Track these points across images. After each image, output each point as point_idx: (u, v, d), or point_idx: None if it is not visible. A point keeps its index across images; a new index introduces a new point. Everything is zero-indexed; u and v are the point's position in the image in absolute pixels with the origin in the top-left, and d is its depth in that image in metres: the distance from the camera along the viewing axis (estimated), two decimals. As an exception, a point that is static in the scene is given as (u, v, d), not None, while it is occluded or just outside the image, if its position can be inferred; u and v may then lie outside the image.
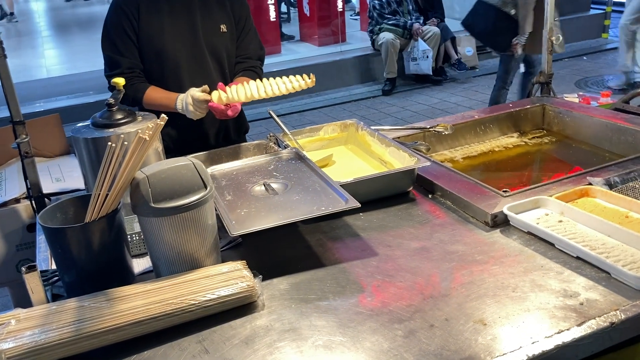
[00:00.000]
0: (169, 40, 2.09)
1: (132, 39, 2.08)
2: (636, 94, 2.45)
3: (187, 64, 2.14)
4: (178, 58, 2.12)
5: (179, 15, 2.11)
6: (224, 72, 2.22)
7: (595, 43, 8.55)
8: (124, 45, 2.07)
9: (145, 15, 2.07)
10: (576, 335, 1.10)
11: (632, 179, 1.71)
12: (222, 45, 2.18)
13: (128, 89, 2.02)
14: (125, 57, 2.07)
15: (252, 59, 2.28)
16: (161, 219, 1.29)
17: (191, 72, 2.14)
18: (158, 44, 2.09)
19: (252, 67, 2.25)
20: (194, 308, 1.23)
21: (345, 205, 1.47)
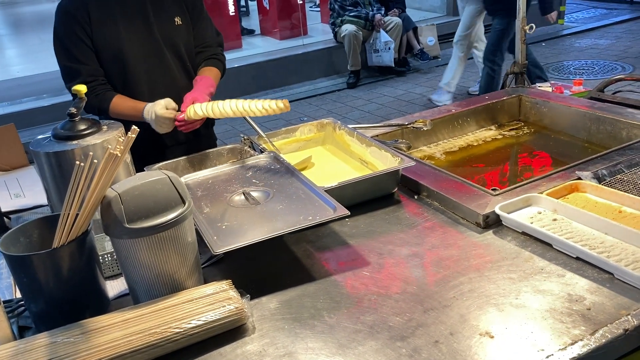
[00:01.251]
0: (125, 41, 2.00)
1: (88, 44, 1.97)
2: (611, 81, 2.44)
3: (147, 62, 2.05)
4: (137, 57, 2.03)
5: (131, 13, 2.01)
6: (185, 65, 2.15)
7: (552, 29, 8.67)
8: (80, 53, 1.96)
9: (97, 18, 1.97)
10: (592, 345, 1.04)
11: (620, 171, 1.68)
12: (179, 38, 2.10)
13: (92, 99, 1.94)
14: (84, 65, 1.96)
15: (212, 47, 2.22)
16: (137, 240, 1.19)
17: (152, 70, 2.06)
18: (115, 45, 1.99)
19: (214, 55, 2.21)
20: (179, 337, 1.13)
21: (334, 214, 1.38)
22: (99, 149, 1.48)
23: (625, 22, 8.93)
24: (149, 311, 1.18)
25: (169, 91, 2.08)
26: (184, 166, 1.93)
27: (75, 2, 1.97)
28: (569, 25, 8.98)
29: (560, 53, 7.52)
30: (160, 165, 1.85)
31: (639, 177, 1.63)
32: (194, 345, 1.16)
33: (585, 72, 6.59)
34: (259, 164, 1.78)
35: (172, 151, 2.15)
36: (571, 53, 7.49)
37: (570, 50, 7.63)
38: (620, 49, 7.34)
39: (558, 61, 7.13)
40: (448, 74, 5.93)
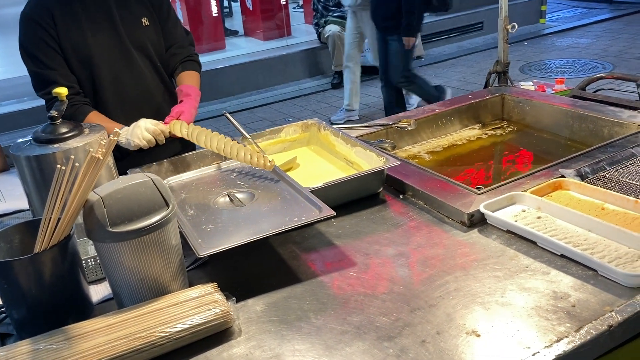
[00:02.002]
0: (93, 45, 1.97)
1: (56, 49, 1.93)
2: (592, 79, 2.46)
3: (116, 65, 2.02)
4: (105, 61, 2.00)
5: (96, 16, 1.98)
6: (156, 66, 2.12)
7: (534, 28, 8.77)
8: (49, 59, 1.92)
9: (62, 24, 1.93)
10: (577, 342, 1.05)
11: (602, 168, 1.70)
12: (147, 39, 2.07)
13: (68, 109, 1.83)
14: (55, 70, 1.92)
15: (184, 47, 2.19)
16: (120, 244, 1.17)
17: (121, 73, 2.03)
18: (83, 51, 1.96)
19: (189, 57, 2.18)
20: (165, 341, 1.12)
21: (319, 215, 1.38)
22: (80, 152, 1.46)
23: (604, 21, 9.05)
24: (133, 315, 1.16)
25: (140, 93, 2.07)
26: (167, 168, 1.91)
27: (38, 8, 1.92)
28: (550, 25, 9.07)
29: (542, 52, 7.60)
30: (143, 168, 1.83)
31: (621, 175, 1.65)
32: (179, 349, 1.14)
33: (567, 70, 6.66)
34: (243, 165, 1.77)
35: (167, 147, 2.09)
36: (552, 52, 7.57)
37: (551, 49, 7.71)
38: (600, 48, 7.43)
39: (540, 60, 7.20)
40: (346, 96, 5.77)
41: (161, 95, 2.15)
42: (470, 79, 6.75)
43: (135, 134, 1.81)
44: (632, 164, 1.70)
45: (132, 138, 1.81)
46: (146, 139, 1.82)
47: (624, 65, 6.55)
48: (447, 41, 8.48)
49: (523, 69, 6.83)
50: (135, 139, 1.81)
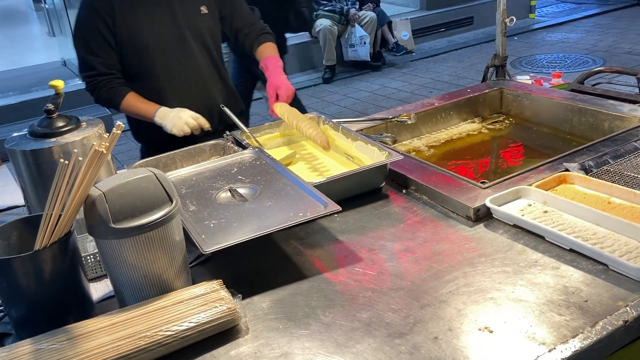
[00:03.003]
0: (150, 33, 2.02)
1: (108, 39, 1.99)
2: (591, 73, 2.45)
3: (172, 52, 2.06)
4: (161, 47, 2.04)
5: (155, 4, 2.02)
6: (211, 54, 2.16)
7: (523, 23, 8.79)
8: (99, 47, 1.99)
9: (121, 12, 1.98)
10: (593, 338, 1.03)
11: (606, 162, 1.69)
12: (205, 27, 2.11)
13: (105, 91, 1.99)
14: (99, 58, 1.99)
15: (254, 24, 2.23)
16: (123, 240, 1.14)
17: (177, 61, 2.08)
18: (140, 38, 2.01)
19: (262, 30, 2.22)
20: (170, 340, 1.09)
21: (325, 210, 1.35)
22: (78, 147, 1.42)
23: (593, 16, 9.09)
24: (137, 314, 1.13)
25: (193, 81, 2.12)
26: (165, 163, 1.87)
27: None
28: (540, 20, 9.10)
29: (533, 47, 7.61)
30: (140, 163, 1.80)
31: (625, 168, 1.64)
32: (185, 348, 1.11)
33: (558, 65, 6.68)
34: (243, 160, 1.74)
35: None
36: (543, 47, 7.58)
37: (541, 44, 7.73)
38: (590, 43, 7.46)
39: (531, 55, 7.21)
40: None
41: (214, 84, 2.19)
42: (461, 73, 6.75)
43: (175, 124, 1.92)
44: (635, 157, 1.70)
45: (172, 128, 1.93)
46: (184, 131, 1.93)
47: (615, 59, 6.58)
48: (438, 35, 8.48)
49: (514, 63, 6.83)
50: (174, 129, 1.93)
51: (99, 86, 2.01)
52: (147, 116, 1.98)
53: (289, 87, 2.00)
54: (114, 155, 5.30)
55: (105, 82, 1.99)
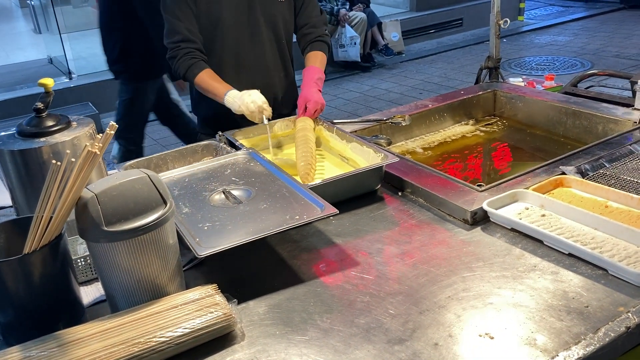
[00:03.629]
0: (225, 11, 2.03)
1: (191, 7, 2.00)
2: (584, 76, 2.46)
3: (242, 34, 2.07)
4: (233, 28, 2.06)
5: None
6: (280, 42, 2.16)
7: (512, 25, 8.81)
8: (183, 13, 2.00)
9: None
10: (595, 344, 1.02)
11: (602, 165, 1.68)
12: (279, 14, 2.12)
13: (186, 61, 1.99)
14: (184, 23, 2.00)
15: (317, 27, 2.21)
16: (116, 243, 1.11)
17: (245, 43, 2.09)
18: (215, 14, 2.02)
19: (319, 38, 2.20)
20: (165, 346, 1.06)
21: (322, 213, 1.33)
22: (69, 147, 1.39)
23: (581, 19, 9.15)
24: (130, 320, 1.10)
25: (256, 65, 2.12)
26: (156, 164, 1.84)
27: None
28: (528, 22, 9.14)
29: (521, 49, 7.65)
30: (131, 163, 1.76)
31: (621, 172, 1.63)
32: (179, 355, 1.09)
33: (547, 67, 6.72)
34: (237, 161, 1.71)
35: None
36: (532, 49, 7.62)
37: (530, 47, 7.76)
38: (578, 46, 7.51)
39: (520, 57, 7.24)
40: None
41: (276, 72, 2.18)
42: (451, 75, 6.76)
43: (244, 103, 1.87)
44: (630, 160, 1.69)
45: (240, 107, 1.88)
46: (250, 110, 1.87)
47: (602, 63, 6.63)
48: (427, 37, 8.49)
49: (503, 65, 6.83)
50: (243, 107, 1.87)
51: (181, 54, 2.00)
52: (219, 96, 1.95)
53: (317, 101, 1.97)
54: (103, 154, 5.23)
55: (187, 51, 1.99)
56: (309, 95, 1.98)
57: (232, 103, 1.89)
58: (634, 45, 7.20)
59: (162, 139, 5.55)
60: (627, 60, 6.62)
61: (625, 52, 6.97)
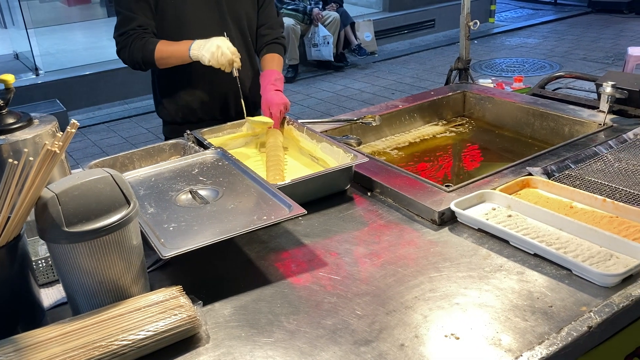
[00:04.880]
0: (192, 8, 2.00)
1: (150, 2, 1.96)
2: (552, 78, 2.49)
3: (210, 30, 2.03)
4: (202, 26, 2.03)
5: None
6: (246, 39, 2.16)
7: (484, 27, 8.93)
8: (139, 7, 1.97)
9: None
10: (558, 344, 1.03)
11: (567, 166, 1.70)
12: (243, 11, 2.12)
13: (137, 43, 1.95)
14: (138, 16, 1.97)
15: (275, 29, 2.23)
16: (77, 245, 1.08)
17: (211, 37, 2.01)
18: (181, 10, 1.99)
19: (276, 40, 2.22)
20: (127, 350, 1.04)
21: (290, 213, 1.32)
22: (29, 145, 1.35)
23: (550, 22, 9.32)
24: (91, 322, 1.07)
25: None
26: (122, 163, 1.81)
27: None
28: (499, 24, 9.28)
29: (492, 51, 7.75)
30: (96, 162, 1.73)
31: (586, 173, 1.66)
32: (143, 358, 1.06)
33: (517, 69, 6.81)
34: (205, 160, 1.69)
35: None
36: (502, 51, 7.73)
37: (501, 48, 7.87)
38: (547, 48, 7.64)
39: (490, 59, 7.33)
40: None
41: (245, 69, 2.16)
42: (423, 75, 6.81)
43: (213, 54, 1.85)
44: (595, 162, 1.72)
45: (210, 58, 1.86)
46: (220, 62, 1.87)
47: (570, 65, 6.75)
48: (400, 37, 8.54)
49: (474, 67, 6.93)
50: (212, 60, 1.86)
51: (130, 40, 1.96)
52: (183, 54, 1.92)
53: (279, 102, 1.97)
54: (69, 152, 5.14)
55: (137, 34, 1.95)
56: (270, 99, 1.98)
57: (201, 56, 1.87)
58: (600, 49, 7.36)
59: (131, 137, 5.47)
60: (594, 63, 6.76)
61: (592, 55, 7.11)
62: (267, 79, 2.05)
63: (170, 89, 2.13)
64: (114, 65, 6.21)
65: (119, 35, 1.98)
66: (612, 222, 1.41)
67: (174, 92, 2.12)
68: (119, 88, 6.45)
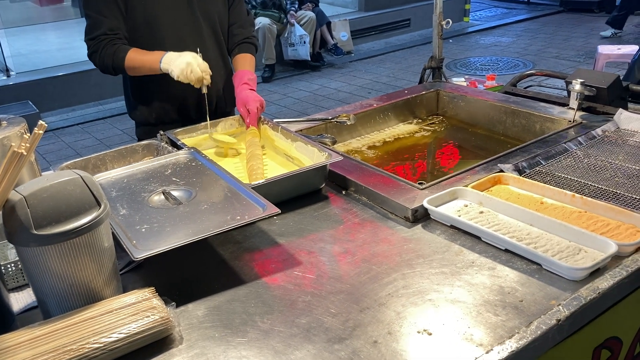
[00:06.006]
0: (162, 7, 1.98)
1: (119, 4, 1.93)
2: (523, 76, 2.53)
3: (182, 29, 2.03)
4: (172, 24, 2.01)
5: None
6: (218, 38, 2.15)
7: (458, 26, 9.02)
8: (108, 9, 1.93)
9: None
10: (528, 337, 1.05)
11: (538, 163, 1.73)
12: (215, 11, 2.10)
13: (109, 49, 1.92)
14: (108, 19, 1.94)
15: (246, 28, 2.22)
16: (47, 247, 1.07)
17: (187, 38, 2.04)
18: (151, 10, 1.97)
19: (248, 39, 2.21)
20: (98, 353, 1.03)
21: (264, 213, 1.32)
22: (-3, 147, 1.33)
23: (523, 21, 9.44)
24: (62, 326, 1.06)
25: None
26: (94, 164, 1.79)
27: None
28: (474, 23, 9.37)
29: (467, 49, 7.82)
30: (68, 164, 1.71)
31: (556, 169, 1.69)
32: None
33: (491, 68, 6.89)
34: (178, 161, 1.68)
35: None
36: (477, 49, 7.81)
37: (475, 47, 7.95)
38: (521, 47, 7.74)
39: (465, 57, 7.40)
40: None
41: (218, 68, 2.15)
42: (399, 75, 6.85)
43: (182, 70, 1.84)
44: (565, 158, 1.75)
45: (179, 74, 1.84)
46: (189, 79, 1.85)
47: (543, 63, 6.85)
48: (376, 37, 8.58)
49: (449, 65, 6.99)
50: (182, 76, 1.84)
51: (102, 45, 1.93)
52: (154, 65, 1.90)
53: (254, 100, 1.96)
54: (42, 154, 5.06)
55: (108, 40, 1.92)
56: (245, 97, 1.97)
57: (170, 71, 1.86)
58: (572, 47, 7.48)
59: (106, 138, 5.41)
60: (566, 61, 6.87)
61: (564, 53, 7.23)
62: (240, 79, 2.04)
63: (142, 91, 2.11)
64: (88, 66, 6.12)
65: (90, 39, 1.96)
66: (581, 217, 1.43)
67: (147, 93, 2.10)
68: (93, 89, 6.36)
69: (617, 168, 1.67)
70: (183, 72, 1.83)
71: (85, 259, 1.11)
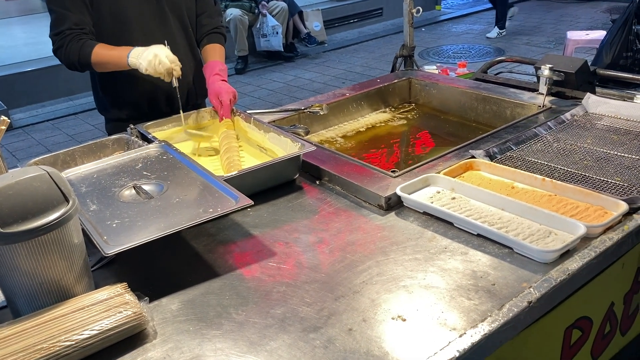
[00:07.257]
0: (130, 3, 1.95)
1: (85, 1, 1.89)
2: (493, 63, 2.55)
3: (149, 22, 2.00)
4: (138, 17, 1.97)
5: None
6: (186, 29, 2.12)
7: (430, 15, 9.06)
8: (73, 4, 1.88)
9: None
10: (500, 320, 1.06)
11: (509, 148, 1.75)
12: (182, 3, 2.08)
13: (74, 44, 1.88)
14: (73, 13, 1.89)
15: (214, 18, 2.20)
16: (14, 245, 1.05)
17: (154, 32, 2.01)
18: (118, 3, 1.93)
19: (216, 29, 2.19)
20: (71, 350, 1.01)
21: (236, 205, 1.31)
22: (-40, 145, 1.30)
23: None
24: (32, 325, 1.04)
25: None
26: (63, 160, 1.76)
27: None
28: (446, 11, 9.42)
29: (439, 38, 7.86)
30: (36, 160, 1.67)
31: (526, 154, 1.71)
32: (88, 357, 1.04)
33: (463, 55, 6.93)
34: (149, 154, 1.66)
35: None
36: (449, 37, 7.85)
37: (447, 35, 8.00)
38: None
39: (438, 45, 7.43)
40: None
41: (188, 60, 2.12)
42: (372, 64, 6.85)
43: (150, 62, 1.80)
44: (535, 143, 1.77)
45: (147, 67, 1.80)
46: (158, 72, 1.81)
47: (514, 50, 6.92)
48: (349, 27, 8.57)
49: (422, 54, 7.02)
50: (150, 69, 1.80)
51: (67, 40, 1.88)
52: (121, 60, 1.85)
53: (227, 91, 1.94)
54: (12, 152, 4.95)
55: (74, 35, 1.87)
56: (218, 89, 1.95)
57: (138, 64, 1.82)
58: (542, 33, 7.56)
59: (77, 134, 5.32)
60: (537, 47, 6.94)
61: (535, 39, 7.31)
62: (211, 70, 2.02)
63: (111, 86, 2.07)
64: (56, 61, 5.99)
65: (55, 35, 1.91)
66: (551, 200, 1.45)
67: (116, 89, 2.06)
68: (62, 84, 6.24)
69: (585, 151, 1.69)
70: (151, 64, 1.79)
71: (54, 256, 1.09)
